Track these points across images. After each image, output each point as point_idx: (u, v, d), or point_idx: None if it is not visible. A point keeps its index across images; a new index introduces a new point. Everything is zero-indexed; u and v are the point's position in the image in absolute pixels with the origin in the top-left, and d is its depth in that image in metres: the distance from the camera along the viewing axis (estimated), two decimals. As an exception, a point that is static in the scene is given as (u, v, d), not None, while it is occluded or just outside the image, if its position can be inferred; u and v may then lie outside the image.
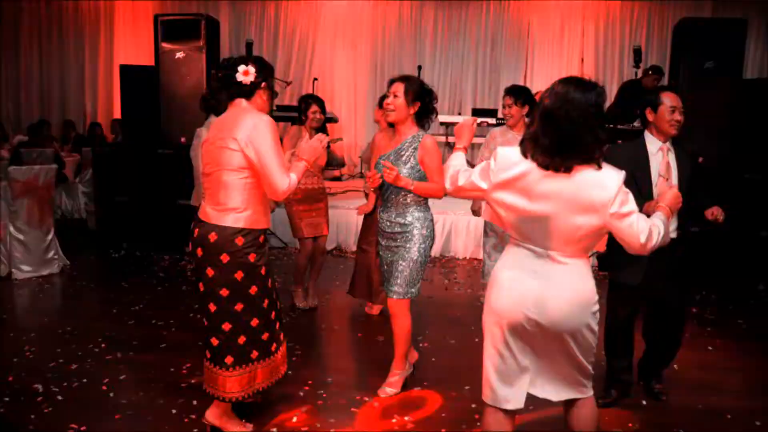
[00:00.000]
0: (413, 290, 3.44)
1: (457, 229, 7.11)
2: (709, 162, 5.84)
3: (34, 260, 5.85)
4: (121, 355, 4.05)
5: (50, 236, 5.97)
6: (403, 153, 3.36)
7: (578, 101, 2.12)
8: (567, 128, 2.11)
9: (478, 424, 3.27)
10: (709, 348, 4.49)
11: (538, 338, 2.26)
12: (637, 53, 6.95)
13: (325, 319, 5.00)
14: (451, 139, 9.33)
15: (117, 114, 10.95)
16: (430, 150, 3.34)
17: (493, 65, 10.32)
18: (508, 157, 2.26)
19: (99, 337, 4.32)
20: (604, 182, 2.13)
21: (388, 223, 3.44)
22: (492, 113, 9.14)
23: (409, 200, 3.38)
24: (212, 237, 2.78)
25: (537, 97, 6.81)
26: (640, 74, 7.03)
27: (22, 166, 6.23)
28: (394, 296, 3.44)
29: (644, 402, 3.57)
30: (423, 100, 3.38)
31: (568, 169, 2.13)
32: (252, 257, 2.82)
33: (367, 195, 4.80)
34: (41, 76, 11.55)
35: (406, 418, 3.32)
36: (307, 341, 4.41)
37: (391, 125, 3.50)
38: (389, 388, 3.57)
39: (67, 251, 6.18)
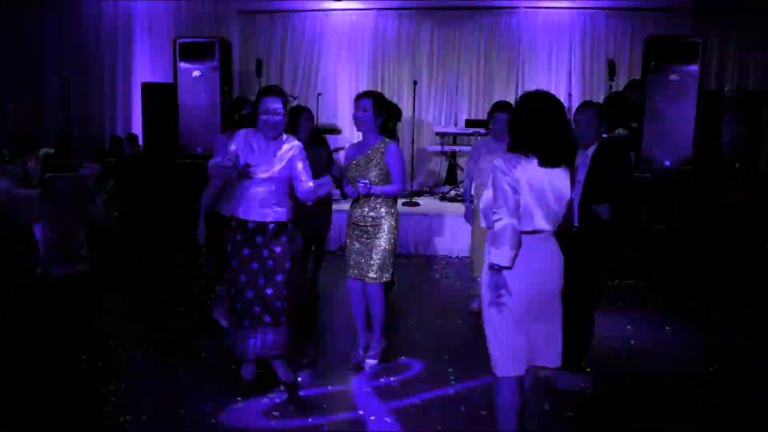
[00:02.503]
0: (387, 275, 4.07)
1: (447, 229, 7.75)
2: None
3: (66, 258, 6.52)
4: (150, 332, 4.72)
5: (80, 237, 6.66)
6: (372, 157, 4.00)
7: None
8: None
9: (452, 382, 3.93)
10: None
11: (543, 307, 2.78)
12: (611, 67, 7.59)
13: (325, 306, 5.66)
14: (446, 147, 9.99)
15: (134, 128, 11.70)
16: (395, 155, 4.00)
17: (486, 78, 10.96)
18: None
19: (128, 318, 4.99)
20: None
21: (362, 217, 4.05)
22: (486, 124, 9.75)
23: (379, 198, 4.02)
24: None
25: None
26: (614, 87, 7.68)
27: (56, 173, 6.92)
28: (370, 281, 4.05)
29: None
30: (385, 112, 4.04)
31: (558, 164, 2.75)
32: None
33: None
34: (62, 93, 12.30)
35: (391, 379, 3.97)
36: (310, 323, 5.05)
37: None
38: (370, 360, 4.20)
39: (95, 251, 6.85)
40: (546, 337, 2.82)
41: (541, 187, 2.72)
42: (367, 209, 4.04)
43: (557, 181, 2.75)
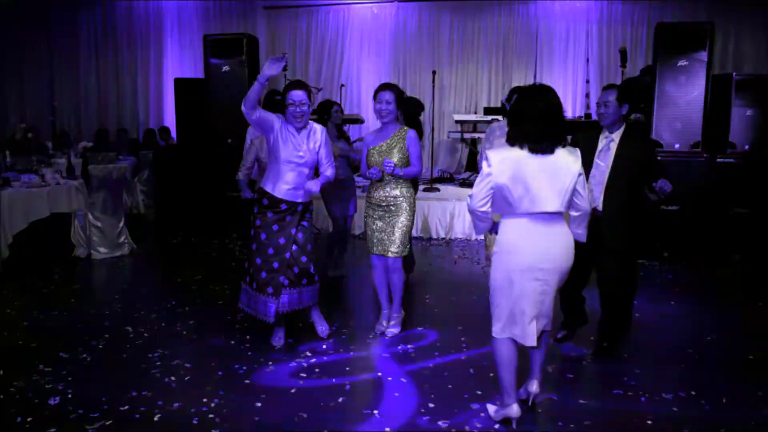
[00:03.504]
0: (405, 249, 4.47)
1: (466, 213, 8.05)
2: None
3: (109, 244, 6.99)
4: (188, 308, 5.15)
5: (121, 224, 7.13)
6: (393, 143, 4.37)
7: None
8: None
9: (464, 349, 4.28)
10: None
11: (549, 281, 3.08)
12: (623, 54, 7.80)
13: (349, 284, 6.05)
14: (466, 135, 10.29)
15: (166, 122, 12.21)
16: (414, 140, 4.39)
17: (505, 66, 11.23)
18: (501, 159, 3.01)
19: (168, 296, 5.43)
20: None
21: (384, 197, 4.43)
22: (504, 112, 10.03)
23: (399, 180, 4.40)
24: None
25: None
26: (626, 73, 7.91)
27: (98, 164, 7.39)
28: (392, 255, 4.44)
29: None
30: (402, 104, 4.44)
31: (552, 151, 3.02)
32: None
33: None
34: (98, 90, 12.85)
35: (408, 346, 4.33)
36: (334, 297, 5.44)
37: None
38: (393, 329, 4.57)
39: (133, 239, 7.32)
40: (550, 307, 3.17)
41: (535, 172, 2.97)
42: (388, 189, 4.42)
43: (555, 164, 3.00)
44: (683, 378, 3.88)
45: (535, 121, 2.98)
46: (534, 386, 3.36)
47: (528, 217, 3.04)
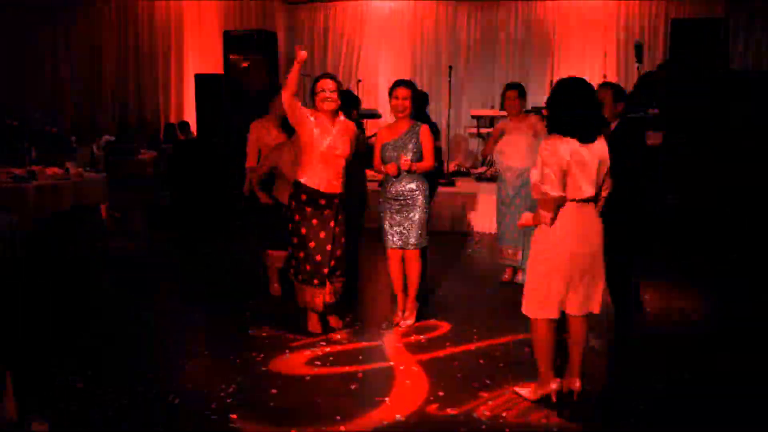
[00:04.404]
0: (423, 241, 4.56)
1: (481, 207, 8.14)
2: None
3: (131, 234, 7.15)
4: (205, 299, 5.30)
5: (143, 214, 7.30)
6: (408, 138, 4.45)
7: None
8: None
9: (475, 340, 4.36)
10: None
11: (590, 263, 3.26)
12: (638, 49, 7.81)
13: (364, 275, 6.16)
14: (483, 130, 10.34)
15: (186, 116, 12.38)
16: (428, 135, 4.47)
17: (522, 62, 11.26)
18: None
19: (185, 287, 5.59)
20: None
21: (401, 190, 4.50)
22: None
23: (415, 173, 4.48)
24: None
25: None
26: (642, 69, 7.94)
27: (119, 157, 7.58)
28: (411, 247, 4.54)
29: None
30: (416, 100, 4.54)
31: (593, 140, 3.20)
32: None
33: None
34: (119, 85, 13.05)
35: (420, 337, 4.44)
36: (350, 291, 5.54)
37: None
38: (407, 320, 4.67)
39: (151, 231, 7.47)
40: (591, 288, 3.32)
41: (584, 161, 3.17)
42: (404, 183, 4.50)
43: (597, 152, 3.22)
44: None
45: (584, 111, 3.17)
46: (576, 383, 3.43)
47: (571, 205, 3.21)
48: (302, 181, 4.25)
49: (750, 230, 6.64)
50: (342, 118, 4.34)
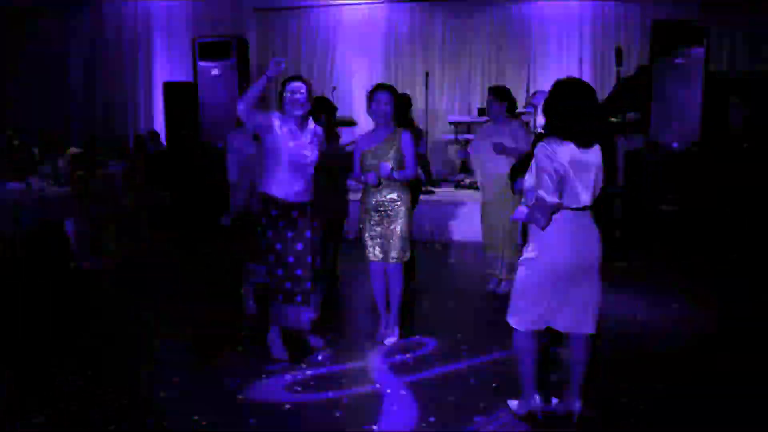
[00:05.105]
0: (406, 254, 4.34)
1: (462, 216, 7.96)
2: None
3: (99, 252, 6.82)
4: (179, 319, 5.01)
5: (112, 231, 6.97)
6: (388, 146, 4.23)
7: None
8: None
9: (464, 357, 4.15)
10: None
11: (583, 276, 3.06)
12: (618, 53, 7.72)
13: (343, 288, 5.92)
14: (460, 136, 10.17)
15: (155, 126, 12.04)
16: (409, 142, 4.25)
17: (498, 67, 11.12)
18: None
19: (158, 308, 5.30)
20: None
21: (382, 200, 4.28)
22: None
23: (396, 182, 4.25)
24: None
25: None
26: (622, 73, 7.84)
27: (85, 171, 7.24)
28: (393, 261, 4.32)
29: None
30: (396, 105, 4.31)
31: (592, 144, 3.01)
32: None
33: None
34: (87, 95, 12.67)
35: (406, 355, 4.21)
36: (330, 307, 5.31)
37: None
38: (391, 338, 4.44)
39: (124, 246, 7.15)
40: (584, 305, 3.11)
41: (581, 166, 2.97)
42: (385, 193, 4.27)
43: (593, 158, 3.02)
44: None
45: (583, 115, 2.98)
46: (575, 405, 3.23)
47: (567, 213, 3.01)
48: (270, 192, 3.97)
49: (750, 230, 6.58)
50: (311, 124, 4.10)
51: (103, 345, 4.45)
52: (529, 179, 3.10)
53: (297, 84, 3.96)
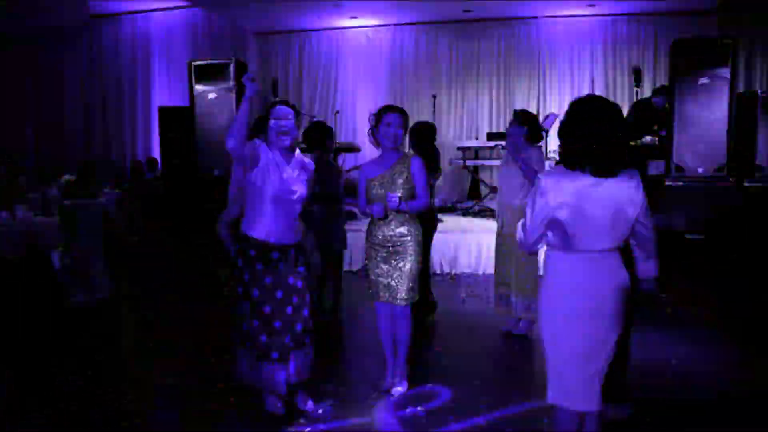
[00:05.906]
0: (415, 295, 3.90)
1: (472, 246, 7.53)
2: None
3: (88, 285, 6.37)
4: (168, 365, 4.57)
5: (101, 263, 6.53)
6: (397, 173, 3.81)
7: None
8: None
9: (483, 411, 3.69)
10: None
11: (601, 331, 2.54)
12: (637, 73, 7.36)
13: (346, 330, 5.47)
14: (469, 162, 9.79)
15: (154, 152, 11.70)
16: (421, 169, 3.83)
17: (506, 90, 10.78)
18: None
19: (146, 349, 4.86)
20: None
21: (389, 236, 3.85)
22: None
23: (405, 214, 3.83)
24: None
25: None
26: (640, 93, 7.45)
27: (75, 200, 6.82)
28: (401, 302, 3.87)
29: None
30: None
31: (615, 173, 2.49)
32: None
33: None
34: (85, 120, 12.37)
35: (418, 408, 3.75)
36: (331, 349, 4.86)
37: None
38: (400, 387, 3.99)
39: (115, 278, 6.72)
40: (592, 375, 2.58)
41: (597, 202, 2.48)
42: (393, 226, 3.84)
43: (617, 191, 2.49)
44: None
45: (600, 137, 2.45)
46: None
47: (583, 254, 2.52)
48: (249, 233, 3.50)
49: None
50: (298, 154, 3.65)
51: (76, 388, 4.01)
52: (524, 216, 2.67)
53: (284, 110, 3.53)
